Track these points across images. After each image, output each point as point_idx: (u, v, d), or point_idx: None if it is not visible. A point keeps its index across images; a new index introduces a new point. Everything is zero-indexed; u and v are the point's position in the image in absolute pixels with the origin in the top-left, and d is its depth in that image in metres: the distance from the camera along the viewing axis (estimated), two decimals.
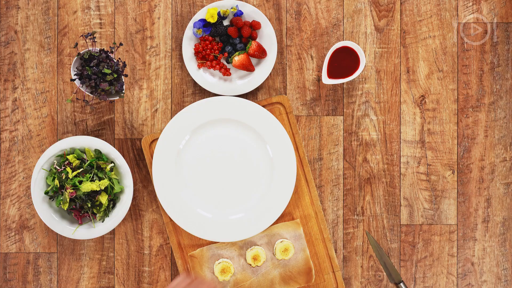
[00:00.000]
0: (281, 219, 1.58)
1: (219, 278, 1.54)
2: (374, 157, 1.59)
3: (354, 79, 1.59)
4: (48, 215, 1.50)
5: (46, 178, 1.50)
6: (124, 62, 1.50)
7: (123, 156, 1.58)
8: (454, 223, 1.59)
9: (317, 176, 1.59)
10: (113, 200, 1.52)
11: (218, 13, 1.55)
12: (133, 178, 1.58)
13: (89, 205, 1.49)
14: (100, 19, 1.59)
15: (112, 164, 1.51)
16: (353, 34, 1.59)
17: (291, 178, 1.54)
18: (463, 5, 1.60)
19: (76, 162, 1.49)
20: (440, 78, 1.59)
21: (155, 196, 1.58)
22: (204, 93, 1.59)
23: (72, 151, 1.51)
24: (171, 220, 1.57)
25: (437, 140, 1.59)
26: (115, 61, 1.48)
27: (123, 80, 1.51)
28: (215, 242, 1.57)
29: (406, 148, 1.59)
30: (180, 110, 1.58)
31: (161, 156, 1.54)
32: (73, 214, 1.52)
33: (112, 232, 1.59)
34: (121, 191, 1.52)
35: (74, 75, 1.47)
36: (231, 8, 1.55)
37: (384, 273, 1.59)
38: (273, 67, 1.59)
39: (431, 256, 1.59)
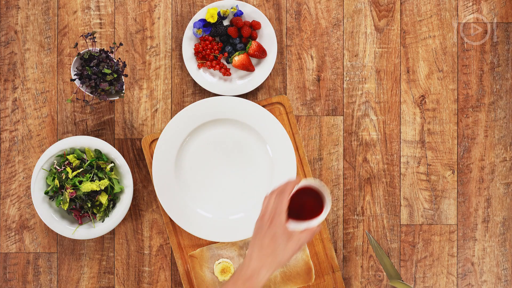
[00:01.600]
0: None
1: (219, 278, 1.54)
2: (374, 157, 1.59)
3: (354, 79, 1.59)
4: (48, 215, 1.50)
5: (46, 178, 1.50)
6: (124, 62, 1.50)
7: (123, 156, 1.58)
8: (454, 223, 1.59)
9: (317, 176, 1.59)
10: (113, 200, 1.52)
11: (218, 13, 1.55)
12: (133, 178, 1.58)
13: (89, 205, 1.49)
14: (100, 19, 1.59)
15: (112, 164, 1.51)
16: (353, 34, 1.59)
17: (291, 178, 1.54)
18: (463, 5, 1.60)
19: (76, 162, 1.49)
20: (440, 78, 1.60)
21: (155, 196, 1.58)
22: (204, 93, 1.59)
23: (72, 151, 1.51)
24: (171, 220, 1.57)
25: (437, 140, 1.59)
26: (115, 61, 1.48)
27: (123, 80, 1.51)
28: (215, 242, 1.57)
29: (406, 148, 1.59)
30: (180, 110, 1.58)
31: (161, 156, 1.54)
32: (73, 214, 1.52)
33: (112, 232, 1.59)
34: (121, 191, 1.52)
35: (74, 75, 1.47)
36: (231, 8, 1.55)
37: (384, 273, 1.59)
38: (273, 67, 1.59)
39: (431, 256, 1.59)
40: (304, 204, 1.29)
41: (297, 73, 1.60)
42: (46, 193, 1.50)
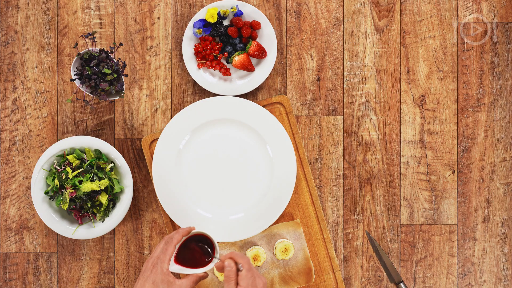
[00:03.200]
0: (281, 219, 1.58)
1: (219, 278, 1.54)
2: (374, 157, 1.59)
3: (354, 79, 1.59)
4: (48, 215, 1.50)
5: (46, 178, 1.50)
6: (124, 62, 1.50)
7: (123, 156, 1.58)
8: (454, 223, 1.59)
9: (317, 176, 1.59)
10: (113, 200, 1.52)
11: (218, 13, 1.55)
12: (133, 178, 1.58)
13: (89, 205, 1.49)
14: (100, 19, 1.59)
15: (112, 164, 1.51)
16: (353, 34, 1.59)
17: (291, 178, 1.54)
18: (463, 5, 1.60)
19: (76, 162, 1.49)
20: (440, 78, 1.60)
21: (155, 196, 1.59)
22: (204, 93, 1.59)
23: (72, 151, 1.51)
24: (171, 220, 1.57)
25: (437, 140, 1.59)
26: (115, 61, 1.48)
27: (123, 80, 1.51)
28: None
29: (406, 148, 1.59)
30: (180, 110, 1.58)
31: (161, 156, 1.54)
32: (73, 214, 1.52)
33: (112, 232, 1.59)
34: (121, 191, 1.52)
35: (74, 75, 1.47)
36: (231, 8, 1.55)
37: (384, 273, 1.59)
38: (273, 67, 1.59)
39: (431, 256, 1.59)
40: (198, 251, 1.38)
41: (297, 73, 1.60)
42: (46, 193, 1.50)
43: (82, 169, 1.49)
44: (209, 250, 1.40)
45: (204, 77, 1.57)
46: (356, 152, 1.59)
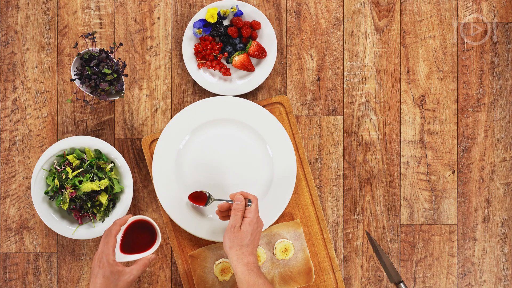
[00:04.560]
0: (281, 219, 1.58)
1: (219, 278, 1.54)
2: (374, 157, 1.59)
3: (354, 79, 1.59)
4: (48, 215, 1.50)
5: (46, 178, 1.50)
6: (124, 62, 1.50)
7: (123, 156, 1.58)
8: (454, 223, 1.59)
9: (317, 176, 1.59)
10: (113, 200, 1.52)
11: (218, 13, 1.55)
12: (133, 178, 1.58)
13: (89, 205, 1.49)
14: (100, 19, 1.59)
15: (112, 164, 1.51)
16: (353, 34, 1.60)
17: (291, 178, 1.54)
18: (463, 5, 1.60)
19: (76, 162, 1.49)
20: (440, 78, 1.60)
21: (155, 196, 1.59)
22: (204, 93, 1.60)
23: (72, 151, 1.51)
24: (171, 220, 1.57)
25: (437, 140, 1.59)
26: (115, 61, 1.48)
27: (123, 80, 1.51)
28: (215, 242, 1.57)
29: (406, 148, 1.59)
30: (180, 110, 1.58)
31: (161, 156, 1.54)
32: (73, 214, 1.52)
33: None
34: (121, 191, 1.52)
35: (74, 75, 1.47)
36: (231, 8, 1.55)
37: (384, 273, 1.59)
38: (273, 67, 1.59)
39: (431, 256, 1.59)
40: (141, 237, 1.42)
41: (297, 73, 1.60)
42: (46, 193, 1.50)
43: (82, 169, 1.49)
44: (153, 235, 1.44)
45: (204, 77, 1.57)
46: (356, 152, 1.59)
